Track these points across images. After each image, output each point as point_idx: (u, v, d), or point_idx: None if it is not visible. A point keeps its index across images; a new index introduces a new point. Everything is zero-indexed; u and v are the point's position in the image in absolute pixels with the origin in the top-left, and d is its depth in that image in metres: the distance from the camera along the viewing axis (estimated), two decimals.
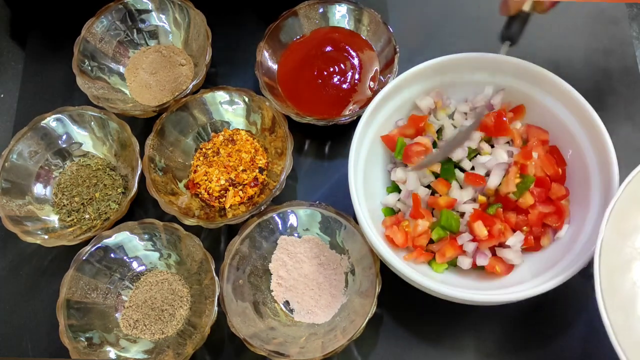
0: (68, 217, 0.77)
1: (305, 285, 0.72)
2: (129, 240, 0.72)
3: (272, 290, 0.72)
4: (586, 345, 0.68)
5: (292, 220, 0.73)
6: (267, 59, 0.81)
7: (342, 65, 0.80)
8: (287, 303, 0.72)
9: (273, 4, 0.83)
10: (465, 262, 0.65)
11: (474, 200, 0.67)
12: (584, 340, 0.69)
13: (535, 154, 0.66)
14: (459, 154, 0.68)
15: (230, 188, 0.76)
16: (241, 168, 0.77)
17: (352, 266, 0.71)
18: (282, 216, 0.72)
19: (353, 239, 0.70)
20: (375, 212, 0.69)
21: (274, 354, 0.64)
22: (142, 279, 0.73)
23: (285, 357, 0.64)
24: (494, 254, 0.66)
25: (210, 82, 0.84)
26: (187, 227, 0.71)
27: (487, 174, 0.68)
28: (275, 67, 0.82)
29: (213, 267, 0.68)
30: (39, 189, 0.78)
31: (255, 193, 0.76)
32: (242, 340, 0.65)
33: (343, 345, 0.63)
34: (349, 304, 0.70)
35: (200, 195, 0.77)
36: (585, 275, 0.71)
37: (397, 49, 0.78)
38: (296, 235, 0.74)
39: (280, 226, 0.73)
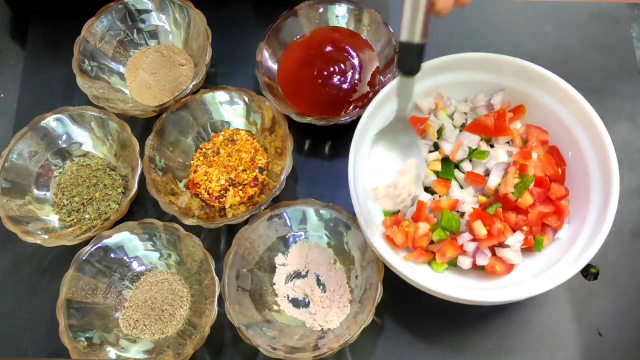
0: (68, 217, 0.77)
1: (306, 284, 0.72)
2: (129, 240, 0.72)
3: (274, 284, 0.72)
4: (586, 345, 0.68)
5: (303, 218, 0.73)
6: (267, 58, 0.81)
7: (342, 65, 0.80)
8: (287, 298, 0.72)
9: (273, 4, 0.83)
10: (465, 262, 0.65)
11: (474, 199, 0.67)
12: (584, 341, 0.69)
13: (534, 154, 0.66)
14: (459, 154, 0.68)
15: (230, 188, 0.76)
16: (241, 168, 0.77)
17: (354, 267, 0.71)
18: (293, 213, 0.72)
19: (357, 240, 0.70)
20: (375, 212, 0.69)
21: (267, 348, 0.64)
22: (142, 279, 0.73)
23: (277, 350, 0.64)
24: (493, 253, 0.66)
25: (210, 82, 0.84)
26: (187, 227, 0.71)
27: (487, 174, 0.68)
28: (275, 67, 0.82)
29: (213, 267, 0.68)
30: (39, 189, 0.78)
31: (255, 193, 0.76)
32: (237, 329, 0.65)
33: (336, 349, 0.63)
34: (349, 304, 0.70)
35: (200, 195, 0.77)
36: (585, 275, 0.71)
37: (398, 49, 0.77)
38: (304, 233, 0.74)
39: (289, 223, 0.73)
